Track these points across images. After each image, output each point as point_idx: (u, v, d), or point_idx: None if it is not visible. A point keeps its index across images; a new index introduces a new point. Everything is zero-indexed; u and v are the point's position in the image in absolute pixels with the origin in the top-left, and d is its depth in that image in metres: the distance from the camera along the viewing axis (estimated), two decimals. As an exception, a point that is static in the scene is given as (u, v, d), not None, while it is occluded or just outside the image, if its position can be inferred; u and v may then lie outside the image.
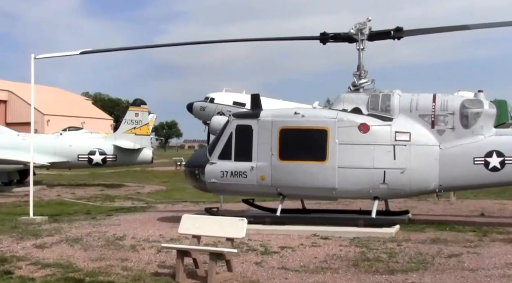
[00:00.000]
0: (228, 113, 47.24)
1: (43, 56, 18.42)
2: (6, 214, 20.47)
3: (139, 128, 31.70)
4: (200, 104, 48.79)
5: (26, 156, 28.02)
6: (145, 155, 31.86)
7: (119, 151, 31.24)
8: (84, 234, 14.84)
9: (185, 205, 22.73)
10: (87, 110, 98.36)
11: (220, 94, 48.87)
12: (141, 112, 31.89)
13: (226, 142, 16.18)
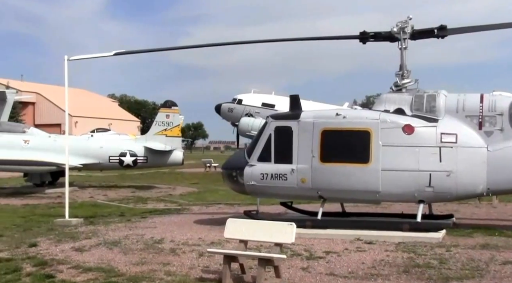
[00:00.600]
0: (256, 115, 47.15)
1: (76, 57, 18.28)
2: (41, 216, 20.38)
3: (170, 130, 31.56)
4: (228, 105, 48.66)
5: (58, 157, 28.16)
6: (176, 157, 31.70)
7: (150, 153, 31.12)
8: (122, 237, 14.62)
9: (220, 207, 22.45)
10: (114, 112, 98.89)
11: (248, 96, 48.69)
12: (172, 113, 31.75)
13: (266, 144, 15.86)
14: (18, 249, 13.40)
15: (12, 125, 32.27)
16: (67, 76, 17.94)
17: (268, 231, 9.90)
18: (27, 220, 19.23)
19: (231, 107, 48.28)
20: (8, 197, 26.68)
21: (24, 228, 16.99)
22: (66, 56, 17.90)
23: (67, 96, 18.44)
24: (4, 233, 16.07)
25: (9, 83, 76.53)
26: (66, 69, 17.84)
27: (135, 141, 32.44)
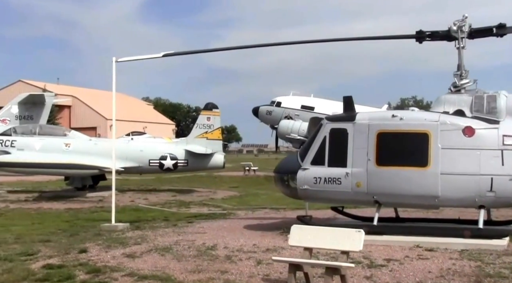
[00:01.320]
0: (296, 117, 46.69)
1: (124, 59, 18.13)
2: (85, 220, 20.30)
3: (211, 133, 31.33)
4: (266, 108, 48.29)
5: (99, 160, 28.15)
6: (217, 160, 31.43)
7: (190, 156, 30.89)
8: (172, 243, 14.33)
9: (266, 212, 22.08)
10: (149, 115, 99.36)
11: (287, 98, 48.28)
12: (213, 116, 31.51)
13: (319, 147, 15.42)
14: (68, 255, 13.21)
15: (53, 128, 32.46)
16: (115, 77, 17.80)
17: (334, 238, 9.49)
18: (72, 225, 19.15)
19: (269, 110, 47.91)
20: (50, 201, 26.72)
21: (71, 233, 16.86)
22: (114, 58, 17.76)
23: (115, 98, 18.22)
24: (51, 238, 15.95)
25: (46, 87, 77.27)
26: (114, 70, 17.71)
27: (176, 144, 32.22)
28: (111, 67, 17.80)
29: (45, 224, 19.42)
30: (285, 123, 45.39)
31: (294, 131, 44.49)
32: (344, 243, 9.38)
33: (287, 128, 45.06)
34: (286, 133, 45.10)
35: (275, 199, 27.90)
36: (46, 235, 16.64)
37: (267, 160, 77.73)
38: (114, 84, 17.92)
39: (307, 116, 45.64)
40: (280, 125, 45.48)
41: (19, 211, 23.31)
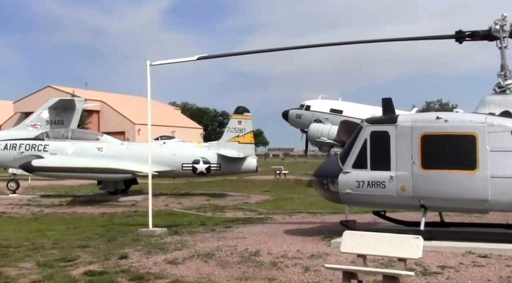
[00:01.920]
0: (325, 121, 46.24)
1: (158, 63, 17.83)
2: (120, 225, 20.00)
3: (243, 136, 30.95)
4: (296, 112, 47.93)
5: (132, 165, 27.94)
6: (250, 164, 31.04)
7: (223, 160, 30.54)
8: (213, 249, 13.93)
9: (303, 216, 21.59)
10: (177, 120, 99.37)
11: (316, 102, 47.87)
12: (244, 120, 31.12)
13: (361, 150, 14.91)
14: (108, 261, 12.88)
15: (85, 133, 32.37)
16: (149, 81, 17.51)
17: (391, 244, 9.00)
18: (108, 229, 18.87)
19: (299, 114, 47.53)
20: (84, 205, 26.53)
21: (108, 238, 16.56)
22: (148, 61, 17.49)
23: (150, 101, 17.90)
24: (89, 243, 15.68)
25: (75, 92, 77.62)
26: (149, 74, 17.41)
27: (208, 148, 31.89)
28: (144, 71, 17.54)
29: (81, 229, 19.16)
30: (315, 126, 44.99)
31: (323, 135, 44.06)
32: (401, 250, 8.89)
33: (317, 132, 44.64)
34: (316, 136, 44.68)
35: (309, 203, 27.49)
36: (83, 240, 16.37)
37: (295, 164, 77.11)
38: (149, 87, 17.64)
39: (336, 120, 45.20)
40: (310, 129, 45.08)
41: (54, 216, 23.12)
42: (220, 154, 30.50)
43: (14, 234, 18.15)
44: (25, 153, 29.33)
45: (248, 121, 31.22)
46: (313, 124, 45.16)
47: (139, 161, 28.91)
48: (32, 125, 46.14)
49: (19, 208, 25.60)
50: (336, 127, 43.48)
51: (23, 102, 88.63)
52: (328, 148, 47.25)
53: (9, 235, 17.78)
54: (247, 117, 31.22)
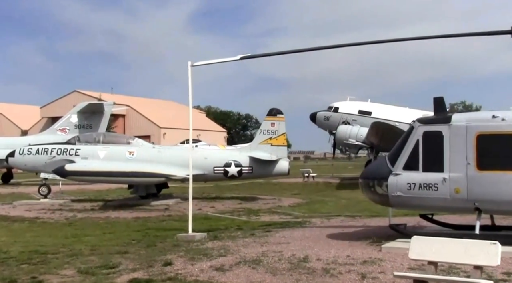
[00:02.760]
0: (353, 123, 45.45)
1: (199, 63, 17.27)
2: (156, 230, 19.45)
3: (275, 138, 30.25)
4: (324, 114, 47.26)
5: (165, 168, 27.44)
6: (282, 166, 30.32)
7: (255, 163, 29.86)
8: (259, 254, 13.31)
9: (342, 220, 20.86)
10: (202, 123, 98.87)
11: (344, 104, 47.14)
12: (277, 121, 30.43)
13: (412, 151, 14.21)
14: (152, 268, 12.31)
15: (116, 137, 31.93)
16: (191, 81, 16.97)
17: (465, 251, 8.31)
18: (144, 235, 18.33)
19: (327, 116, 46.85)
20: (116, 210, 26.02)
21: (147, 244, 16.00)
22: (190, 62, 16.94)
23: (191, 102, 17.29)
24: (128, 249, 15.13)
25: (101, 96, 77.56)
26: (190, 74, 16.88)
27: (239, 151, 31.28)
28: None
29: (116, 234, 18.65)
30: (343, 128, 44.25)
31: (352, 137, 43.31)
32: (477, 257, 8.19)
33: (345, 134, 43.90)
34: (344, 138, 43.94)
35: (343, 206, 26.82)
36: (121, 246, 15.84)
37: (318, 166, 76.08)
38: (190, 88, 17.10)
39: (365, 122, 44.46)
40: (338, 131, 44.36)
41: (88, 221, 22.65)
42: (252, 157, 29.84)
43: (50, 239, 17.70)
44: (56, 157, 28.92)
45: (281, 123, 30.53)
46: (341, 126, 44.44)
47: (171, 164, 28.43)
48: (61, 130, 46.12)
49: (52, 213, 25.18)
50: (364, 129, 42.73)
51: (50, 107, 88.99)
52: (356, 150, 46.47)
53: (45, 241, 17.33)
54: (280, 119, 30.53)
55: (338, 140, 45.43)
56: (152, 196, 29.82)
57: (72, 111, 47.55)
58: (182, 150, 31.57)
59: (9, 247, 16.17)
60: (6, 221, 22.81)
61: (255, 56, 17.27)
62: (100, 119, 46.47)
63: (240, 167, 29.77)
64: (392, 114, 43.44)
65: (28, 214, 24.92)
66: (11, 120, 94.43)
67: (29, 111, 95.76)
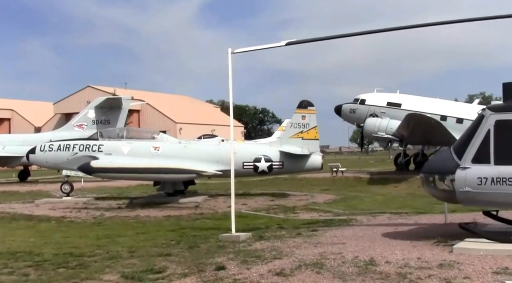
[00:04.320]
0: (382, 115, 44.29)
1: (240, 50, 16.33)
2: (192, 229, 18.55)
3: (307, 132, 29.30)
4: (349, 106, 46.07)
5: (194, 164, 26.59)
6: (315, 161, 29.39)
7: (286, 157, 28.94)
8: (317, 256, 12.39)
9: (389, 217, 19.89)
10: (217, 118, 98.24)
11: (371, 95, 45.90)
12: (308, 114, 29.47)
13: (482, 142, 13.15)
14: (204, 273, 11.41)
15: (140, 131, 31.09)
16: (231, 69, 16.01)
17: None
18: (180, 234, 17.42)
19: (353, 108, 45.65)
20: (145, 208, 25.18)
21: (189, 245, 15.08)
22: (230, 49, 16.02)
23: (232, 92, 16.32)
24: (169, 251, 14.23)
25: (116, 91, 76.93)
26: (230, 62, 15.93)
27: (270, 145, 30.35)
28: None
29: (151, 234, 17.78)
30: (372, 121, 43.16)
31: (381, 130, 42.24)
32: None
33: (374, 127, 42.83)
34: (373, 132, 42.89)
35: (381, 202, 25.96)
36: (161, 248, 14.98)
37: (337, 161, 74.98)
38: (230, 77, 16.15)
39: (394, 114, 43.31)
40: (366, 124, 43.29)
41: (117, 220, 21.84)
42: (283, 151, 28.91)
43: (81, 240, 16.87)
44: (78, 153, 28.14)
45: (312, 115, 29.56)
46: (369, 119, 43.33)
47: (199, 160, 27.59)
48: (78, 126, 45.43)
49: (78, 212, 24.40)
50: (394, 122, 41.65)
51: (63, 103, 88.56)
52: (386, 144, 45.46)
53: (77, 242, 16.50)
54: (311, 111, 29.56)
55: (366, 134, 44.41)
56: (179, 193, 28.94)
57: (89, 106, 46.85)
58: (209, 145, 30.73)
59: (41, 249, 15.36)
60: (32, 221, 22.06)
61: (301, 42, 16.28)
62: (118, 114, 45.73)
63: (271, 162, 28.86)
64: (423, 106, 42.30)
65: (53, 213, 24.16)
66: (24, 117, 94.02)
67: (42, 108, 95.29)
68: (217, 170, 27.46)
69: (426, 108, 41.59)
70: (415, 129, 37.44)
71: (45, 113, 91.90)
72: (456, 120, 41.04)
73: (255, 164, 28.48)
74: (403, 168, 42.89)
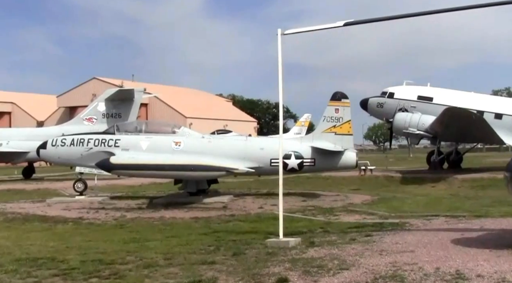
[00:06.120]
0: (412, 110, 43.00)
1: (291, 31, 15.21)
2: (227, 233, 17.41)
3: (340, 126, 28.02)
4: (377, 100, 44.79)
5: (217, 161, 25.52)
6: (349, 158, 28.12)
7: (318, 154, 27.71)
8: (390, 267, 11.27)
9: (446, 221, 18.64)
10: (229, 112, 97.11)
11: (401, 88, 44.62)
12: (342, 107, 28.18)
13: None
14: (265, 287, 10.26)
15: (160, 125, 29.82)
16: (280, 51, 14.86)
17: None
18: (216, 239, 16.29)
19: (381, 102, 44.36)
20: (169, 208, 24.05)
21: (233, 251, 13.91)
22: (280, 30, 14.90)
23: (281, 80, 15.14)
24: (213, 259, 13.07)
25: (123, 84, 75.92)
26: (280, 43, 14.79)
27: (300, 141, 29.08)
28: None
29: (183, 238, 16.63)
30: (402, 116, 41.88)
31: (412, 125, 40.97)
32: None
33: (404, 122, 41.55)
34: (403, 127, 41.60)
35: (425, 203, 24.91)
36: (201, 254, 13.86)
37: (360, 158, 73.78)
38: (280, 60, 14.99)
39: (425, 108, 42.03)
40: (396, 119, 42.01)
41: (141, 221, 20.74)
42: (314, 147, 27.69)
43: (107, 245, 15.77)
44: (93, 149, 27.04)
45: (347, 108, 28.28)
46: (399, 114, 42.05)
47: (225, 156, 26.42)
48: (88, 119, 44.35)
49: (95, 213, 23.29)
50: (426, 117, 40.42)
51: (67, 96, 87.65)
52: (417, 140, 44.16)
53: (103, 247, 15.41)
54: (345, 104, 28.27)
55: (396, 130, 43.15)
56: (201, 193, 27.80)
57: (99, 99, 45.77)
58: (236, 140, 29.57)
59: (64, 254, 14.26)
60: (47, 222, 21.00)
61: (361, 22, 15.04)
62: (130, 107, 44.60)
63: (301, 159, 27.66)
64: (458, 100, 40.99)
65: (69, 214, 23.06)
66: (26, 111, 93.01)
67: (45, 101, 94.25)
68: (249, 167, 26.27)
69: (461, 103, 40.29)
70: (452, 125, 36.21)
71: (48, 106, 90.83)
72: (495, 116, 39.82)
73: (284, 161, 27.13)
74: (437, 166, 41.62)
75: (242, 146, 27.79)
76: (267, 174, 29.39)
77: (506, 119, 39.98)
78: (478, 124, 35.14)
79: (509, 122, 39.83)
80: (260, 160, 27.24)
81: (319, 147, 27.62)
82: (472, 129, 36.19)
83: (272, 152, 27.35)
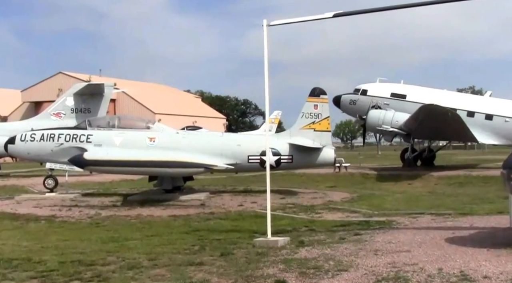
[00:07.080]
0: (385, 107, 42.82)
1: (277, 22, 14.64)
2: (210, 232, 16.85)
3: (319, 123, 27.56)
4: (350, 97, 44.56)
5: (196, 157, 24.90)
6: (327, 155, 27.67)
7: (295, 151, 27.22)
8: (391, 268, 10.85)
9: (433, 219, 18.30)
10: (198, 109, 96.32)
11: (374, 86, 44.45)
12: (320, 103, 27.73)
13: None
14: (261, 289, 9.71)
15: (134, 120, 29.02)
16: (266, 43, 14.30)
17: None
18: (199, 238, 15.74)
19: (353, 99, 44.10)
20: (145, 206, 23.31)
21: (220, 252, 13.32)
22: (265, 20, 14.34)
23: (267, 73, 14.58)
24: (199, 259, 12.50)
25: (91, 78, 74.62)
26: (266, 36, 14.24)
27: (277, 137, 28.54)
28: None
29: (163, 237, 16.02)
30: (375, 113, 41.70)
31: (386, 123, 40.83)
32: None
33: (378, 119, 41.38)
34: (377, 124, 41.41)
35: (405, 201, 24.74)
36: (186, 254, 13.29)
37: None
38: (265, 52, 14.41)
39: (399, 106, 41.90)
40: (369, 116, 41.78)
41: (117, 220, 20.00)
42: (292, 144, 27.20)
43: (85, 244, 15.08)
44: (64, 144, 26.18)
45: (325, 105, 27.85)
46: (373, 111, 41.83)
47: (199, 152, 25.78)
48: (55, 114, 43.19)
49: (68, 210, 22.46)
50: (400, 114, 40.29)
51: (32, 91, 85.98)
52: (391, 137, 43.98)
53: (80, 246, 14.72)
54: (323, 100, 27.82)
55: (369, 127, 42.93)
56: (177, 190, 27.10)
57: (68, 93, 44.55)
58: (211, 136, 28.95)
59: (40, 255, 13.53)
60: (18, 220, 20.15)
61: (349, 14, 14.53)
62: (100, 102, 43.52)
63: (279, 155, 27.12)
64: (430, 98, 40.85)
65: (41, 212, 22.17)
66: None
67: (8, 96, 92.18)
68: (228, 163, 25.66)
69: (435, 100, 40.12)
70: (427, 122, 36.04)
71: (12, 101, 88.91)
72: (467, 114, 39.87)
73: (262, 158, 26.55)
74: (411, 163, 41.52)
75: (218, 142, 27.21)
76: (245, 171, 28.89)
77: (478, 117, 40.07)
78: (454, 122, 35.04)
79: (481, 120, 39.96)
80: (238, 156, 26.68)
81: (298, 143, 27.13)
82: (447, 127, 36.09)
83: (250, 149, 26.89)
